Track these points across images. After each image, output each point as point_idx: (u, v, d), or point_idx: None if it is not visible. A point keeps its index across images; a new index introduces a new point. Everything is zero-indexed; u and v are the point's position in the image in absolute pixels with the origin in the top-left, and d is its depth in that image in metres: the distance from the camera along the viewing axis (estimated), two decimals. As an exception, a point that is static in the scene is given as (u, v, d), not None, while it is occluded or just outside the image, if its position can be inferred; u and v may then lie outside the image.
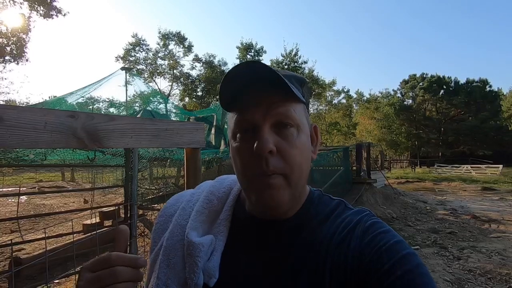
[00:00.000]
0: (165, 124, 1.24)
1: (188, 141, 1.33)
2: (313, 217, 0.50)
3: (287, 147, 0.45)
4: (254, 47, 25.92)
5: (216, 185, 0.60)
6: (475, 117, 32.48)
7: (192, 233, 0.51)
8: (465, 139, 32.86)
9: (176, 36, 25.53)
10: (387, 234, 0.45)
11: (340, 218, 0.50)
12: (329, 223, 0.49)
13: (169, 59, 25.94)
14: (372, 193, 8.25)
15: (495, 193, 11.80)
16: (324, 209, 0.52)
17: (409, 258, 0.41)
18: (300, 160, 0.47)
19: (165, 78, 26.80)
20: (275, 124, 0.46)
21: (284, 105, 0.46)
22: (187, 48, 26.12)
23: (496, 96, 34.48)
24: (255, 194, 0.46)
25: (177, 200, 0.60)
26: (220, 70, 26.05)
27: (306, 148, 0.48)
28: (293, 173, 0.46)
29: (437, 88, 34.29)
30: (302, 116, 0.49)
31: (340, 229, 0.47)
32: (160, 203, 4.57)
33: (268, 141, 0.44)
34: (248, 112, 0.46)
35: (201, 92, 26.97)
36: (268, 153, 0.44)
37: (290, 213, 0.50)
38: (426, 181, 16.06)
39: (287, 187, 0.46)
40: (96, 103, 12.18)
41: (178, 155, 4.09)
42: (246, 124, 0.46)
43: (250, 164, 0.45)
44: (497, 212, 7.89)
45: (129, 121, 1.11)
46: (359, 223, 0.48)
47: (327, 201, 0.54)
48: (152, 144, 1.19)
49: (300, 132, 0.47)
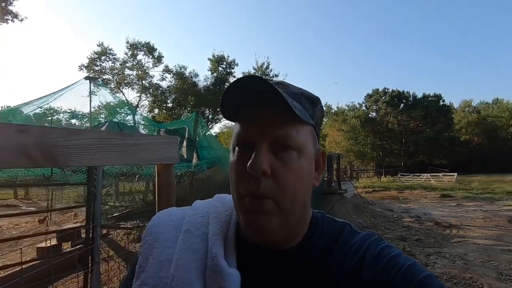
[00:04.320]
0: (134, 139, 1.13)
1: (160, 157, 1.22)
2: (318, 247, 0.47)
3: (282, 170, 0.42)
4: (226, 60, 26.08)
5: (218, 205, 0.55)
6: (432, 129, 35.30)
7: (222, 261, 0.45)
8: (423, 150, 35.41)
9: (145, 46, 24.90)
10: (399, 258, 0.43)
11: (347, 245, 0.47)
12: (336, 252, 0.46)
13: (138, 69, 25.18)
14: (343, 203, 8.45)
15: (453, 199, 12.69)
16: (329, 236, 0.49)
17: (428, 282, 0.40)
18: (295, 186, 0.43)
19: (133, 88, 25.87)
20: (274, 144, 0.43)
21: (286, 126, 0.43)
22: (157, 59, 25.55)
23: (449, 110, 37.85)
24: (243, 216, 0.44)
25: (168, 219, 0.53)
26: (191, 82, 25.74)
27: (304, 173, 0.45)
28: (284, 198, 0.42)
29: (398, 102, 36.85)
30: (306, 139, 0.45)
31: (348, 258, 0.45)
32: (127, 221, 4.26)
33: (262, 161, 0.41)
34: (248, 128, 0.44)
35: (172, 104, 26.36)
36: (261, 174, 0.41)
37: (293, 242, 0.48)
38: (391, 190, 16.87)
39: (276, 214, 0.42)
40: (56, 114, 11.35)
41: (148, 170, 3.85)
42: (245, 139, 0.44)
43: (243, 182, 0.43)
44: (455, 218, 8.45)
45: (93, 135, 0.99)
46: (368, 250, 0.45)
47: (332, 225, 0.51)
48: (119, 161, 1.07)
49: (301, 156, 0.44)
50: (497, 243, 5.76)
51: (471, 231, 6.81)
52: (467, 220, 8.07)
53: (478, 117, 39.75)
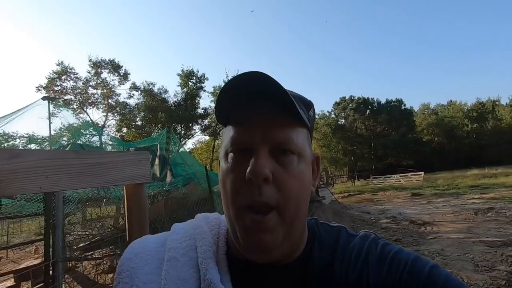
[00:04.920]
0: (96, 157, 0.97)
1: (129, 176, 1.07)
2: (318, 259, 0.45)
3: (285, 175, 0.39)
4: (195, 74, 25.96)
5: (203, 225, 0.50)
6: (397, 132, 37.45)
7: (220, 287, 0.41)
8: (391, 152, 37.32)
9: (109, 64, 24.08)
10: (401, 254, 0.43)
11: (347, 251, 0.45)
12: (338, 262, 0.44)
13: (103, 88, 24.18)
14: (322, 210, 8.50)
15: (422, 197, 13.31)
16: (327, 245, 0.47)
17: (434, 274, 0.39)
18: (298, 192, 0.40)
19: (99, 108, 24.75)
20: (274, 148, 0.40)
21: (287, 128, 0.41)
22: (123, 76, 24.78)
23: (410, 113, 40.52)
24: (243, 231, 0.40)
25: (145, 249, 0.47)
26: (160, 98, 25.19)
27: (306, 179, 0.42)
28: (288, 207, 0.39)
29: (364, 108, 38.81)
30: (305, 143, 0.43)
31: (351, 266, 0.43)
32: (95, 250, 3.88)
33: (264, 166, 0.37)
34: (246, 131, 0.40)
35: (141, 122, 25.50)
36: (263, 181, 0.37)
37: (293, 256, 0.45)
38: (365, 193, 17.36)
39: (281, 225, 0.39)
40: (11, 139, 10.42)
41: (117, 193, 3.53)
42: (242, 143, 0.40)
43: (241, 192, 0.39)
44: (428, 214, 8.81)
45: (43, 156, 0.83)
46: (369, 252, 0.44)
47: (328, 232, 0.49)
48: (78, 185, 0.91)
49: (301, 161, 0.42)
50: (468, 235, 6.04)
51: (443, 226, 7.10)
52: (439, 216, 8.45)
53: (436, 118, 42.74)
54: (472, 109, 41.72)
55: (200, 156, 25.08)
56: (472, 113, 40.80)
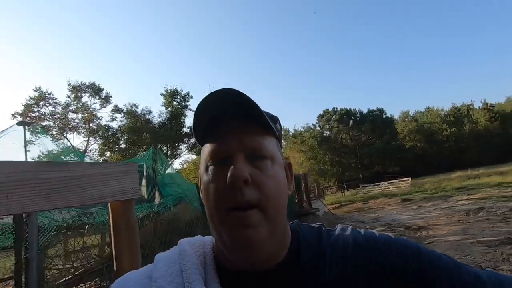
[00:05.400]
0: (75, 169, 0.80)
1: (114, 191, 0.90)
2: (306, 258, 0.47)
3: (262, 177, 0.43)
4: (180, 93, 25.83)
5: (187, 248, 0.50)
6: (380, 140, 38.36)
7: None
8: (377, 160, 38.02)
9: (90, 87, 23.60)
10: (371, 233, 0.50)
11: (333, 243, 0.49)
12: (326, 254, 0.47)
13: (83, 112, 23.57)
14: (317, 222, 8.34)
15: (413, 202, 13.41)
16: (311, 241, 0.49)
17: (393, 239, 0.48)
18: (276, 191, 0.44)
19: (79, 133, 24.00)
20: (250, 155, 0.43)
21: (258, 136, 0.45)
22: (104, 99, 24.31)
23: (392, 121, 41.75)
24: (229, 232, 0.42)
25: (129, 284, 0.48)
26: (144, 119, 24.78)
27: (281, 180, 0.46)
28: (269, 204, 0.42)
29: (347, 119, 39.75)
30: (275, 149, 0.47)
31: (340, 253, 0.47)
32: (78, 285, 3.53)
33: (242, 169, 0.41)
34: (222, 142, 0.44)
35: (125, 144, 24.85)
36: (243, 183, 0.40)
37: (280, 257, 0.46)
38: (356, 202, 17.35)
39: (264, 223, 0.42)
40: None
41: (101, 218, 3.15)
42: (220, 154, 0.44)
43: (223, 196, 0.42)
44: (421, 219, 8.81)
45: (4, 169, 0.66)
46: (356, 238, 0.49)
47: (310, 232, 0.52)
48: (50, 204, 0.74)
49: (274, 164, 0.45)
50: (464, 237, 6.01)
51: (438, 229, 7.08)
52: (432, 219, 8.45)
53: (416, 125, 44.16)
54: (449, 114, 43.47)
55: (188, 176, 24.48)
56: (449, 118, 42.48)
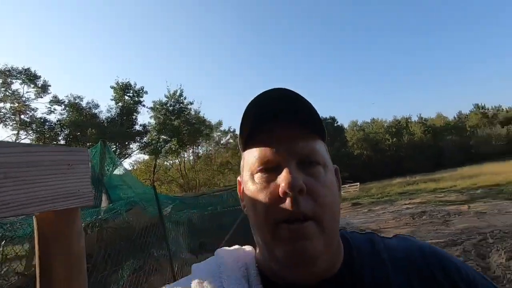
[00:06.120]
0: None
1: (50, 194, 0.50)
2: (362, 268, 0.43)
3: (318, 186, 0.40)
4: (133, 88, 23.93)
5: (228, 261, 0.46)
6: (332, 147, 40.49)
7: None
8: (328, 166, 40.08)
9: (23, 73, 20.54)
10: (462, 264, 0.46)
11: (391, 252, 0.46)
12: (383, 263, 0.44)
13: (13, 101, 20.43)
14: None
15: (363, 206, 14.20)
16: (365, 250, 0.46)
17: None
18: (332, 201, 0.40)
19: (7, 125, 20.67)
20: (301, 162, 0.41)
21: (310, 141, 0.42)
22: (41, 88, 21.36)
23: (342, 129, 44.43)
24: (283, 246, 0.38)
25: None
26: (90, 113, 22.41)
27: (335, 188, 0.43)
28: (325, 216, 0.39)
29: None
30: (326, 154, 0.44)
31: (400, 263, 0.44)
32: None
33: (297, 178, 0.38)
34: (273, 147, 0.41)
35: (65, 140, 22.13)
36: (298, 192, 0.37)
37: (334, 269, 0.43)
38: (310, 206, 17.87)
39: (320, 235, 0.38)
40: None
41: (25, 230, 2.36)
42: (270, 161, 0.41)
43: (275, 208, 0.38)
44: (373, 222, 9.26)
45: None
46: (421, 248, 0.47)
47: (361, 240, 0.48)
48: None
49: (327, 171, 0.42)
50: (414, 239, 6.39)
51: (390, 233, 7.41)
52: (382, 222, 8.93)
53: (363, 134, 47.80)
54: (391, 126, 47.97)
55: (139, 177, 22.70)
56: (391, 129, 46.87)
